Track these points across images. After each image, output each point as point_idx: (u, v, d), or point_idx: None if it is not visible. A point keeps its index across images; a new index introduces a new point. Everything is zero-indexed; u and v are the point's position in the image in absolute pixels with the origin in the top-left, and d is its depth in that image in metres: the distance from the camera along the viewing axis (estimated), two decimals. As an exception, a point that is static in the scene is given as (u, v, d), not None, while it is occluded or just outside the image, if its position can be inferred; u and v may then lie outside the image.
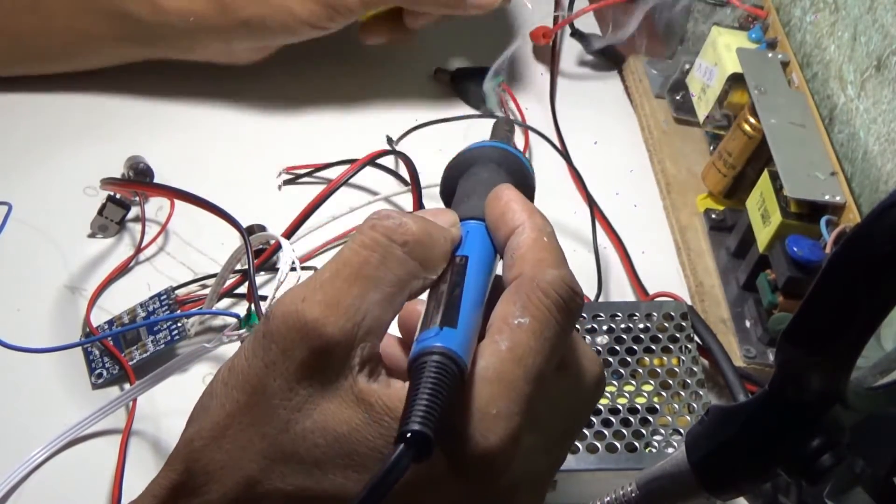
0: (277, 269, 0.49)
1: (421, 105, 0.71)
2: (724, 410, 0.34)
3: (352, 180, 0.59)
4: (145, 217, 0.58)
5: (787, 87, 0.63)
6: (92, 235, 0.59)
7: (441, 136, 0.66)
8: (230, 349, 0.51)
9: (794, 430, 0.31)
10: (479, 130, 0.69)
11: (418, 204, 0.59)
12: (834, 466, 0.31)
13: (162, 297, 0.54)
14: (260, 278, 0.56)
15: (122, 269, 0.57)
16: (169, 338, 0.52)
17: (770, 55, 0.65)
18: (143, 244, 0.58)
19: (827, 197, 0.56)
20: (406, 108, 0.70)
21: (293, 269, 0.47)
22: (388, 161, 0.64)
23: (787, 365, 0.31)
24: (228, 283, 0.54)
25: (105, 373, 0.53)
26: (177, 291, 0.55)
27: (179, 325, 0.52)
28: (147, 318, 0.54)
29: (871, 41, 0.60)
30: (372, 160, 0.59)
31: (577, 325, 0.51)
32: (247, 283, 0.51)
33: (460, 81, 0.73)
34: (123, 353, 0.52)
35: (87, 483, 0.49)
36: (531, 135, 0.65)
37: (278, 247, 0.51)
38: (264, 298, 0.49)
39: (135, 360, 0.52)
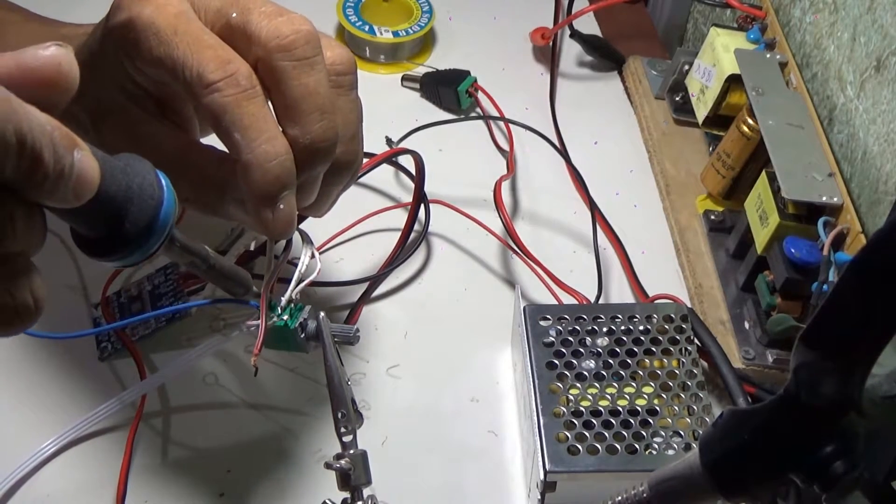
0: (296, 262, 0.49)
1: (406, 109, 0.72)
2: (739, 413, 0.34)
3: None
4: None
5: (785, 88, 0.63)
6: None
7: (440, 137, 0.67)
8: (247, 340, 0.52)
9: (808, 435, 0.32)
10: (476, 131, 0.71)
11: (419, 198, 0.60)
12: (846, 473, 0.31)
13: (168, 271, 0.55)
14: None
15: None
16: (171, 315, 0.53)
17: (768, 56, 0.66)
18: None
19: (824, 198, 0.56)
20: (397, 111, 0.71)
21: (312, 256, 0.47)
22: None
23: (803, 369, 0.31)
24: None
25: (110, 346, 0.54)
26: (180, 267, 0.56)
27: (181, 301, 0.53)
28: (152, 290, 0.55)
29: (870, 41, 0.60)
30: (388, 158, 0.59)
31: (578, 328, 0.52)
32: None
33: (430, 86, 0.73)
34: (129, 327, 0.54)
35: (94, 476, 0.49)
36: (531, 135, 0.65)
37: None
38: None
39: (137, 337, 0.54)
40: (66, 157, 0.29)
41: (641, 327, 0.52)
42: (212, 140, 0.44)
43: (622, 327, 0.52)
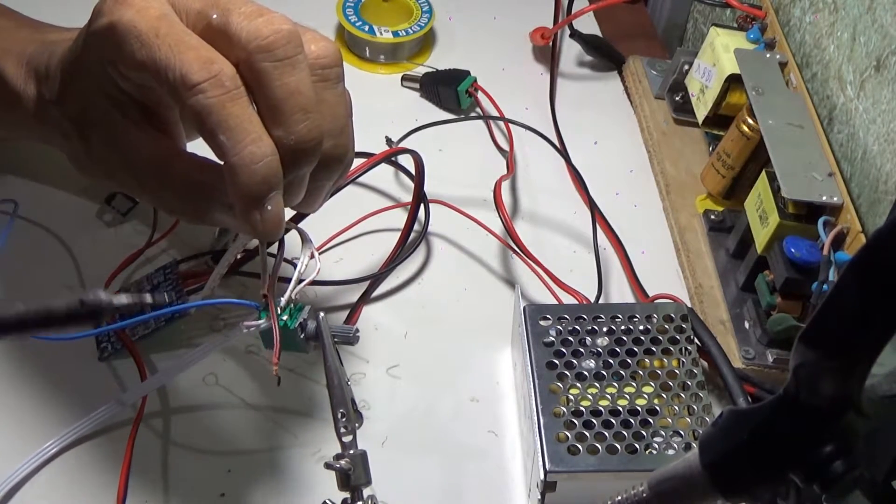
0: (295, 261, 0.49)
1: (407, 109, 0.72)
2: (738, 413, 0.34)
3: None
4: (158, 213, 0.58)
5: (785, 88, 0.63)
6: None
7: (440, 137, 0.67)
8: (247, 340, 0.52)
9: (807, 435, 0.31)
10: (476, 131, 0.71)
11: (418, 198, 0.60)
12: (846, 473, 0.31)
13: (167, 271, 0.55)
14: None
15: (132, 261, 0.57)
16: (171, 315, 0.53)
17: (768, 55, 0.66)
18: (154, 238, 0.58)
19: (824, 198, 0.56)
20: (397, 111, 0.71)
21: (312, 256, 0.47)
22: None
23: (802, 369, 0.31)
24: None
25: (110, 347, 0.54)
26: (180, 266, 0.56)
27: (181, 301, 0.53)
28: (152, 290, 0.54)
29: (870, 41, 0.61)
30: (387, 158, 0.59)
31: (578, 328, 0.52)
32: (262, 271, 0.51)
33: (430, 86, 0.73)
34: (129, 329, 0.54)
35: (94, 477, 0.49)
36: (531, 135, 0.65)
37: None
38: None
39: (137, 337, 0.54)
40: None
41: (641, 327, 0.52)
42: (197, 147, 0.44)
43: (622, 327, 0.52)
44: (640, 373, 0.50)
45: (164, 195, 0.44)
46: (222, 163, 0.41)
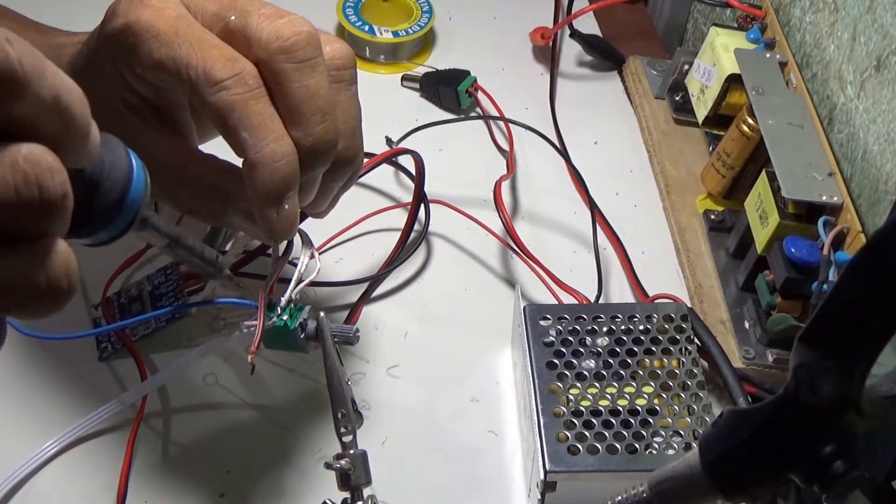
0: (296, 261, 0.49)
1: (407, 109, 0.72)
2: (739, 413, 0.34)
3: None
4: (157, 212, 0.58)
5: (785, 88, 0.63)
6: None
7: (440, 137, 0.67)
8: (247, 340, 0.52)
9: (808, 435, 0.32)
10: (476, 131, 0.71)
11: (419, 198, 0.60)
12: (846, 473, 0.31)
13: (168, 271, 0.55)
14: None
15: (133, 261, 0.57)
16: (171, 315, 0.53)
17: (768, 55, 0.66)
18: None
19: (824, 198, 0.56)
20: (397, 111, 0.71)
21: (312, 256, 0.47)
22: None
23: (802, 369, 0.31)
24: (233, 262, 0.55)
25: (110, 347, 0.54)
26: (181, 267, 0.55)
27: (182, 301, 0.53)
28: (153, 291, 0.54)
29: (870, 41, 0.60)
30: (388, 158, 0.59)
31: (578, 328, 0.52)
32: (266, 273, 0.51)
33: (430, 86, 0.73)
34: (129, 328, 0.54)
35: (94, 477, 0.49)
36: (531, 135, 0.65)
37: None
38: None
39: (137, 337, 0.54)
40: (89, 115, 0.30)
41: (641, 327, 0.52)
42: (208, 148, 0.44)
43: (622, 327, 0.52)
44: (640, 373, 0.50)
45: (181, 196, 0.44)
46: (242, 160, 0.41)
